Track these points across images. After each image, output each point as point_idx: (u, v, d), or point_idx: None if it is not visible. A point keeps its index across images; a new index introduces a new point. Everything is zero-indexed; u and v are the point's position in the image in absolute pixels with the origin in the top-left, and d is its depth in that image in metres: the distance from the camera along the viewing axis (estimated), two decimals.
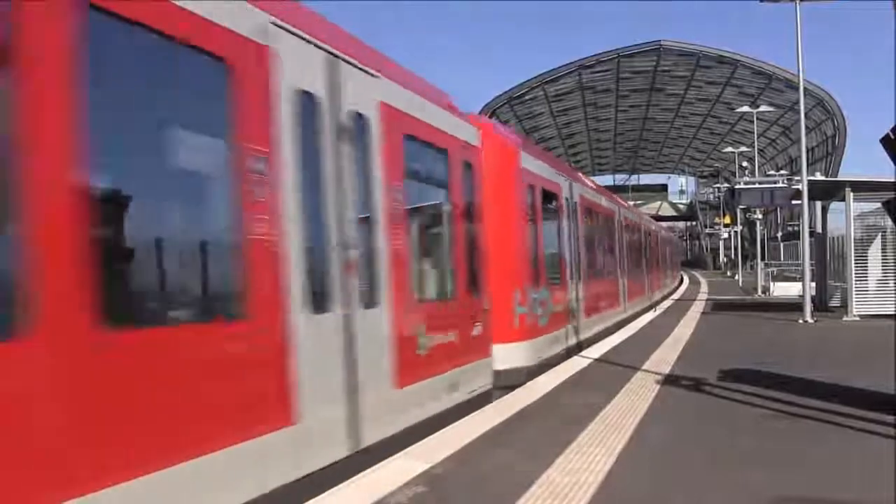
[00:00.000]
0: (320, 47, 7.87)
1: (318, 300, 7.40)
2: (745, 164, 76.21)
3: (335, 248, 7.79)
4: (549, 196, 16.63)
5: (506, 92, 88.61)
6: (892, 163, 9.72)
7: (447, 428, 9.55)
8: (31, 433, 4.51)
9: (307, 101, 7.53)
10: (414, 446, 8.59)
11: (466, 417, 10.23)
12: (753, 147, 65.14)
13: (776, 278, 48.18)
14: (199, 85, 6.35)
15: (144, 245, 5.82)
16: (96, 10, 5.05)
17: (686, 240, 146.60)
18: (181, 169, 6.15)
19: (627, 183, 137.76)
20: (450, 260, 11.35)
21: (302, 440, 6.92)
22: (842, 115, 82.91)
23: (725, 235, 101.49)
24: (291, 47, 7.29)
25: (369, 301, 8.43)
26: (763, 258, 56.50)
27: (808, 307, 24.75)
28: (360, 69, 8.65)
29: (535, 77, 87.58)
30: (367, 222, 8.58)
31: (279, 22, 7.10)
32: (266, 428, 6.49)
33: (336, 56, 8.14)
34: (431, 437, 9.08)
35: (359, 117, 8.49)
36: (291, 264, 6.99)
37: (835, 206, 28.06)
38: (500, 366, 12.64)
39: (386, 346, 8.77)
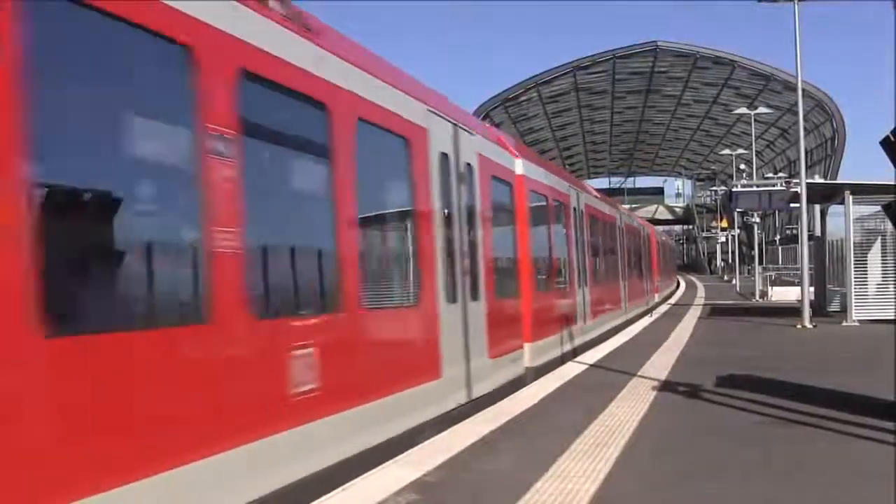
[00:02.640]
0: (448, 120, 11.69)
1: (450, 294, 11.09)
2: (742, 166, 76.42)
3: (458, 260, 11.52)
4: (561, 205, 19.32)
5: (500, 93, 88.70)
6: (892, 165, 9.75)
7: (439, 435, 9.55)
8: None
9: (444, 159, 11.37)
10: (406, 453, 8.58)
11: (458, 424, 10.23)
12: (751, 149, 65.29)
13: (774, 283, 48.31)
14: (396, 155, 10.15)
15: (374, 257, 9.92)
16: (363, 122, 8.87)
17: (682, 243, 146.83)
18: (394, 206, 10.48)
19: (623, 186, 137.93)
20: (509, 268, 14.87)
21: (444, 389, 10.72)
22: (841, 116, 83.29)
23: (723, 239, 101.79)
24: (438, 126, 11.24)
25: (474, 296, 12.11)
26: (761, 262, 56.67)
27: (807, 312, 24.79)
28: (467, 131, 12.51)
29: (530, 78, 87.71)
30: (472, 241, 12.30)
31: (431, 108, 11.05)
32: (429, 377, 10.35)
33: (456, 125, 11.95)
34: (423, 444, 9.07)
35: (468, 166, 12.34)
36: (441, 270, 10.83)
37: (834, 209, 28.12)
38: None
39: (483, 328, 12.45)
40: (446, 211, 11.23)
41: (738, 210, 69.32)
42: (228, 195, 6.39)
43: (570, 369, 15.56)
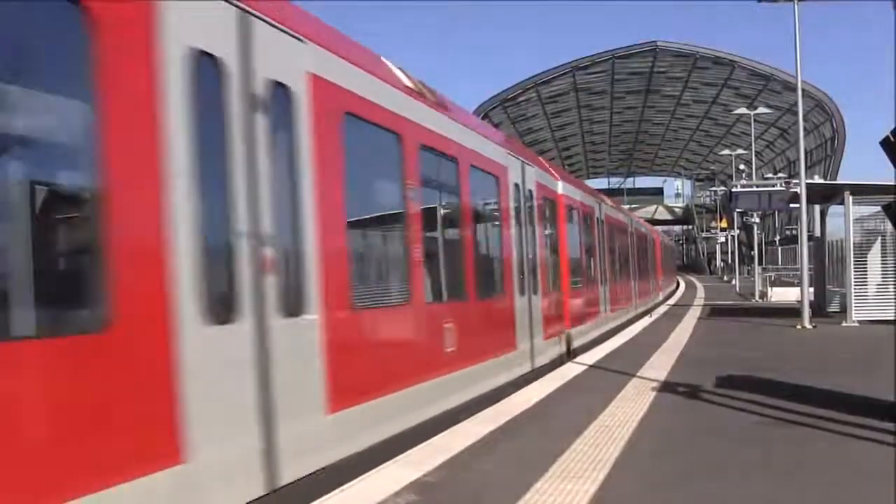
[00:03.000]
0: (518, 158, 15.58)
1: (522, 288, 15.01)
2: (742, 166, 76.42)
3: (525, 262, 15.33)
4: (589, 216, 23.23)
5: (499, 93, 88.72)
6: (892, 165, 9.76)
7: (439, 435, 9.55)
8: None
9: (516, 188, 15.11)
10: (405, 454, 8.59)
11: (458, 425, 10.23)
12: (751, 149, 65.27)
13: (774, 283, 48.32)
14: (492, 188, 13.97)
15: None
16: (474, 168, 12.77)
17: (682, 244, 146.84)
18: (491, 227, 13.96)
19: (622, 186, 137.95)
20: (555, 269, 18.26)
21: (517, 359, 14.46)
22: (841, 116, 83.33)
23: (722, 239, 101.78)
24: (513, 164, 15.10)
25: (535, 291, 15.86)
26: (760, 262, 56.66)
27: (807, 312, 24.80)
28: (529, 165, 16.41)
29: (529, 78, 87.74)
30: (533, 248, 16.07)
31: (508, 151, 15.00)
32: (509, 350, 14.11)
33: (523, 162, 15.89)
34: (423, 444, 9.07)
35: (529, 191, 16.06)
36: (515, 270, 14.74)
37: (834, 209, 28.13)
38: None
39: (540, 316, 16.21)
40: (517, 226, 15.10)
41: (737, 210, 69.30)
42: (418, 225, 10.43)
43: (570, 370, 15.57)
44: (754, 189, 46.65)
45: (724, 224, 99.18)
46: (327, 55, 8.21)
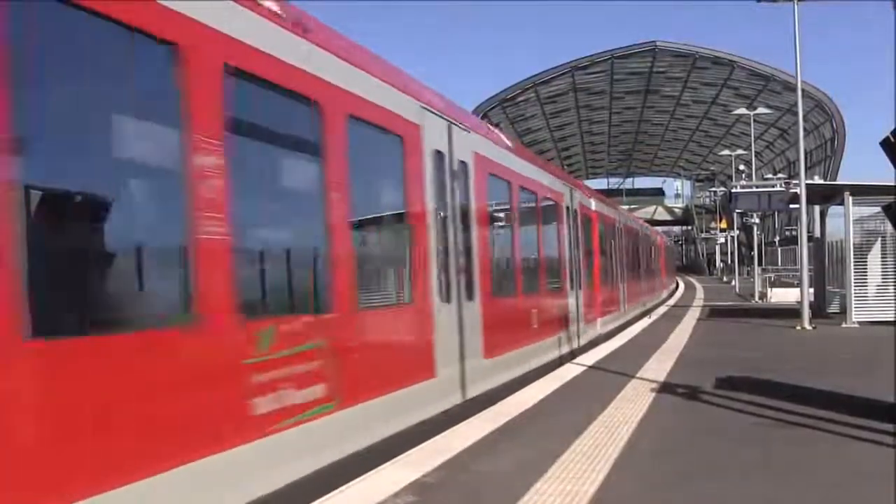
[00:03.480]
0: (568, 185, 20.49)
1: (572, 285, 19.61)
2: (741, 167, 76.44)
3: (574, 265, 20.11)
4: (612, 227, 28.13)
5: (498, 93, 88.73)
6: (892, 166, 9.77)
7: (438, 436, 9.56)
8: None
9: (568, 210, 20.12)
10: (404, 454, 8.60)
11: (458, 425, 10.25)
12: (750, 150, 65.29)
13: (773, 284, 48.29)
14: (554, 212, 18.92)
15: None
16: (546, 199, 17.86)
17: (682, 244, 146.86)
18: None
19: (622, 186, 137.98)
20: (590, 270, 22.51)
21: (571, 337, 19.11)
22: (841, 117, 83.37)
23: (722, 240, 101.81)
24: (566, 190, 20.23)
25: (578, 287, 20.35)
26: (760, 263, 56.65)
27: (807, 313, 24.81)
28: (576, 188, 21.50)
29: (528, 79, 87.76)
30: (576, 253, 20.53)
31: (565, 182, 20.15)
32: (567, 329, 19.03)
33: (572, 188, 20.40)
34: (422, 444, 9.08)
35: (576, 211, 20.78)
36: (573, 271, 19.94)
37: (833, 210, 28.12)
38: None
39: (581, 306, 20.54)
40: (568, 238, 19.93)
41: (737, 211, 69.35)
42: (518, 245, 15.69)
43: (569, 371, 15.57)
44: (754, 190, 46.66)
45: (723, 225, 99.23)
46: (480, 139, 13.54)
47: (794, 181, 34.37)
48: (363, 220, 9.39)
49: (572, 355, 18.46)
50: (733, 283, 66.35)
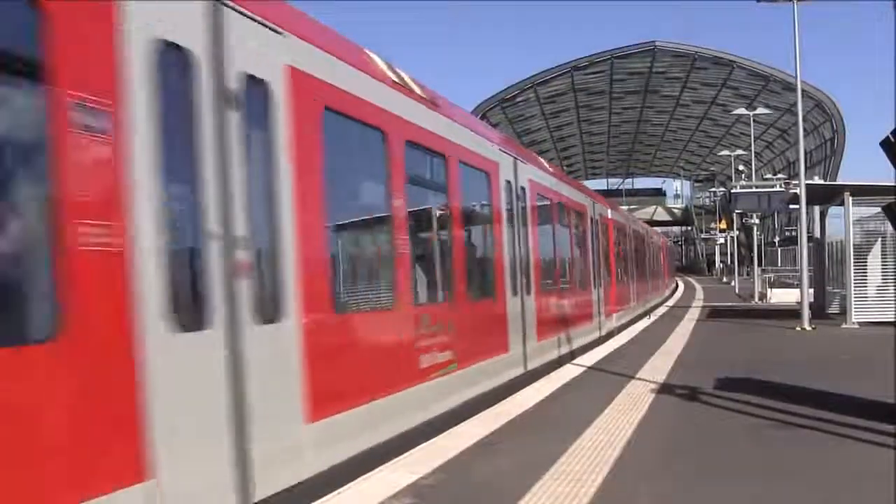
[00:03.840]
0: (593, 199, 24.97)
1: (596, 284, 23.26)
2: (741, 167, 76.45)
3: (603, 266, 24.64)
4: (622, 232, 31.17)
5: (497, 93, 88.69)
6: (892, 166, 9.76)
7: (436, 438, 9.55)
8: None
9: (596, 223, 24.16)
10: (403, 456, 8.59)
11: (456, 427, 10.23)
12: (750, 150, 65.30)
13: (773, 284, 48.27)
14: (601, 226, 24.31)
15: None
16: (576, 212, 21.10)
17: (681, 245, 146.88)
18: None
19: (621, 187, 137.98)
20: (607, 270, 25.78)
21: (593, 329, 22.46)
22: (841, 117, 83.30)
23: (721, 240, 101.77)
24: (590, 203, 23.71)
25: (599, 286, 23.55)
26: (760, 264, 56.62)
27: (806, 314, 24.81)
28: (607, 207, 26.59)
29: (527, 79, 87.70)
30: (600, 258, 24.22)
31: (589, 197, 24.16)
32: (591, 321, 22.51)
33: (594, 202, 23.91)
34: (419, 447, 9.07)
35: (605, 224, 25.64)
36: (601, 272, 24.49)
37: (833, 210, 28.15)
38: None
39: (601, 301, 23.88)
40: (594, 243, 23.75)
41: (737, 211, 69.36)
42: (569, 251, 20.88)
43: (569, 371, 15.57)
44: (754, 190, 46.74)
45: (723, 225, 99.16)
46: (532, 168, 16.76)
47: (794, 181, 34.38)
48: (470, 238, 12.99)
49: (597, 342, 22.10)
50: (733, 283, 66.33)
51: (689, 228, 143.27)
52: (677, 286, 66.09)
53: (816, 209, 30.30)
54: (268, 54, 7.13)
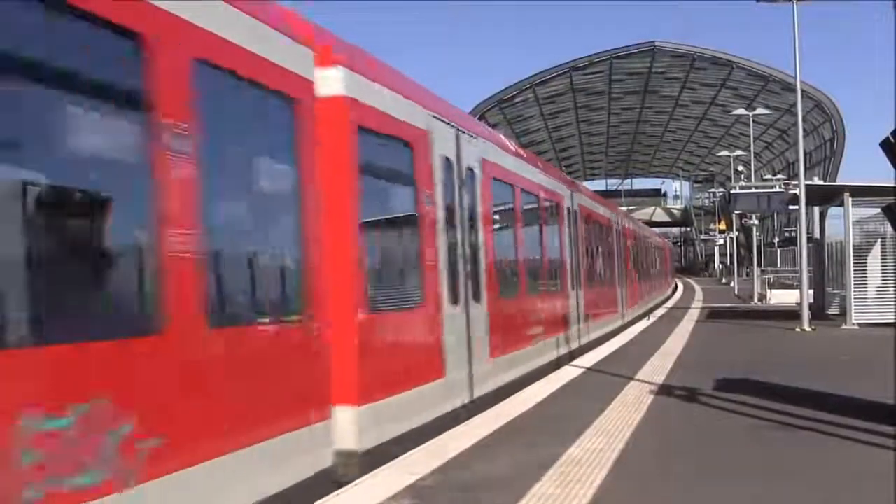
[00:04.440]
0: (618, 213, 32.81)
1: (621, 283, 29.90)
2: (740, 168, 76.47)
3: (623, 269, 30.87)
4: (637, 237, 38.26)
5: (496, 94, 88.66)
6: (892, 167, 9.77)
7: (434, 439, 9.55)
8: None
9: (617, 231, 30.95)
10: (402, 457, 8.59)
11: (453, 429, 10.23)
12: (749, 151, 65.33)
13: (773, 285, 48.30)
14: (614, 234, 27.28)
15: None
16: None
17: (680, 246, 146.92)
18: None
19: (620, 188, 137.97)
20: (624, 270, 30.87)
21: (617, 322, 28.00)
22: (840, 117, 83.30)
23: (721, 241, 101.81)
24: (614, 215, 31.33)
25: (623, 285, 30.11)
26: (759, 265, 56.62)
27: (806, 315, 24.82)
28: (620, 213, 33.60)
29: (526, 79, 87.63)
30: (622, 261, 30.92)
31: (615, 212, 31.84)
32: (616, 317, 28.12)
33: (615, 213, 31.58)
34: (418, 448, 9.07)
35: (623, 228, 32.12)
36: (627, 275, 31.87)
37: (833, 211, 28.14)
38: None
39: (618, 299, 28.73)
40: (616, 250, 28.57)
41: (736, 212, 69.39)
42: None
43: (567, 373, 15.58)
44: (753, 190, 46.78)
45: (722, 226, 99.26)
46: (582, 195, 21.71)
47: (794, 182, 34.41)
48: (531, 246, 16.78)
49: (622, 328, 27.30)
50: (732, 284, 66.35)
51: (689, 229, 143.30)
52: (676, 287, 66.10)
53: (816, 210, 30.32)
54: (475, 153, 12.80)
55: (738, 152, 76.10)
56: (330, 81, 8.26)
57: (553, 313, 17.70)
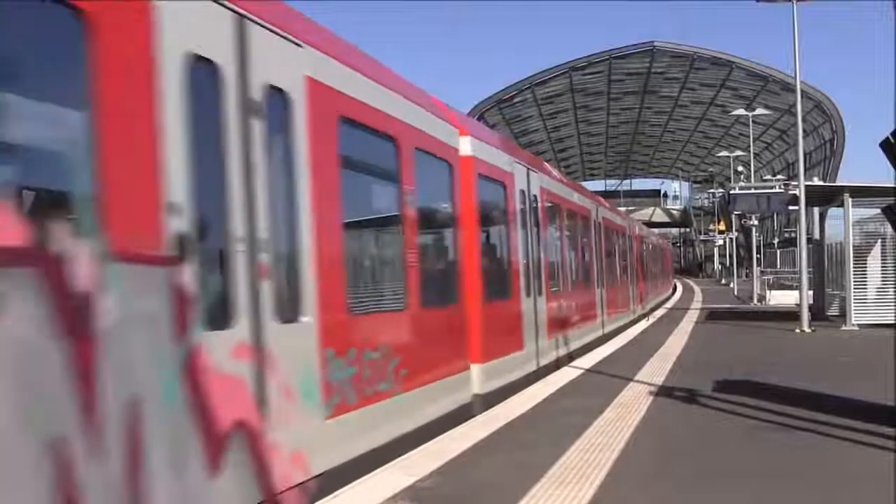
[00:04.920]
0: (635, 223, 40.33)
1: (636, 282, 35.37)
2: (740, 168, 76.57)
3: (637, 270, 36.54)
4: (645, 241, 42.49)
5: (494, 94, 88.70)
6: (891, 167, 9.78)
7: (433, 441, 9.55)
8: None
9: (634, 238, 37.45)
10: (400, 458, 8.59)
11: (452, 430, 10.23)
12: (749, 151, 65.37)
13: (772, 286, 48.35)
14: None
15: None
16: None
17: (680, 247, 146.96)
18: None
19: (619, 188, 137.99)
20: (637, 271, 36.03)
21: (631, 315, 32.06)
22: (840, 118, 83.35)
23: (720, 242, 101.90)
24: (632, 224, 37.09)
25: (635, 283, 34.70)
26: (759, 265, 56.66)
27: (806, 316, 24.83)
28: (632, 224, 37.97)
29: (525, 79, 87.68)
30: (638, 264, 36.62)
31: (629, 222, 36.17)
32: (630, 309, 32.45)
33: (631, 221, 38.46)
34: (416, 449, 9.07)
35: (631, 238, 35.31)
36: (643, 275, 39.74)
37: (833, 211, 28.16)
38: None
39: (633, 296, 33.47)
40: (630, 254, 33.15)
41: (735, 213, 69.45)
42: (637, 266, 37.00)
43: (567, 374, 15.58)
44: (753, 191, 46.83)
45: (722, 227, 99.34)
46: (604, 210, 26.37)
47: (793, 182, 34.45)
48: (570, 251, 20.72)
49: (634, 321, 31.03)
50: (732, 285, 66.40)
51: (688, 230, 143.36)
52: (675, 288, 66.15)
53: (816, 210, 30.35)
54: (537, 184, 16.60)
55: (738, 153, 76.16)
56: (463, 147, 12.30)
57: (586, 306, 21.73)
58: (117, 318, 4.91)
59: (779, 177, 75.36)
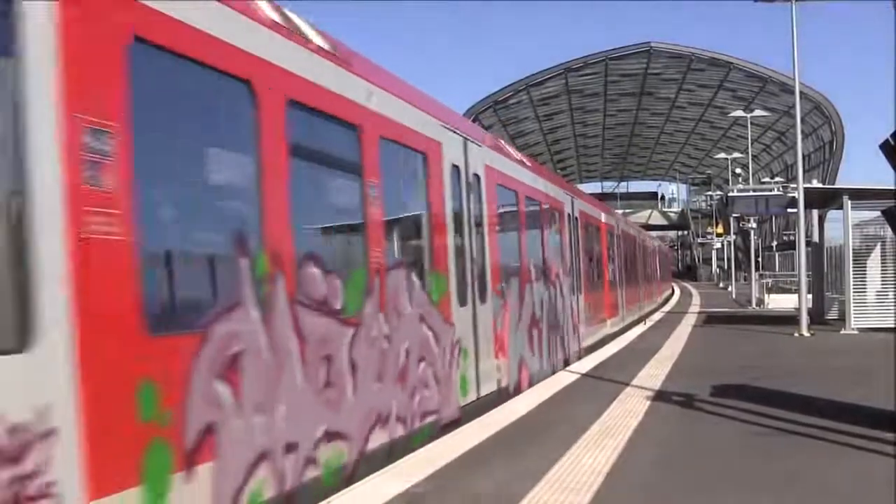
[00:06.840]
0: (643, 232, 51.05)
1: (651, 282, 49.47)
2: (738, 170, 76.58)
3: (646, 273, 47.11)
4: (651, 247, 51.46)
5: (490, 95, 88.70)
6: (891, 169, 9.79)
7: (426, 447, 9.54)
8: None
9: (654, 248, 56.92)
10: (393, 465, 8.58)
11: (445, 436, 10.22)
12: (747, 153, 65.43)
13: (771, 290, 48.39)
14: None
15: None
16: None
17: (677, 249, 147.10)
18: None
19: (616, 190, 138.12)
20: (643, 273, 43.93)
21: (645, 308, 41.59)
22: (839, 119, 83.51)
23: (718, 245, 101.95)
24: (644, 234, 52.30)
25: (649, 282, 47.63)
26: (757, 269, 56.73)
27: (805, 320, 24.83)
28: (648, 237, 55.39)
29: (520, 80, 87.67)
30: (648, 266, 48.38)
31: (638, 230, 47.49)
32: (651, 301, 47.17)
33: (640, 231, 47.85)
34: (409, 455, 9.06)
35: (644, 241, 47.30)
36: (651, 276, 51.49)
37: (832, 214, 28.18)
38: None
39: (643, 294, 42.15)
40: (639, 259, 41.26)
41: (733, 215, 69.48)
42: (648, 269, 48.78)
43: (563, 378, 15.58)
44: (751, 193, 46.81)
45: (720, 229, 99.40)
46: (613, 217, 30.52)
47: (792, 185, 34.55)
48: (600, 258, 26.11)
49: (643, 317, 35.71)
50: (730, 288, 66.48)
51: (686, 233, 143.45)
52: (673, 291, 66.23)
53: (815, 213, 30.37)
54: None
55: (736, 155, 76.14)
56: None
57: (614, 301, 28.56)
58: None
59: (777, 179, 75.47)
